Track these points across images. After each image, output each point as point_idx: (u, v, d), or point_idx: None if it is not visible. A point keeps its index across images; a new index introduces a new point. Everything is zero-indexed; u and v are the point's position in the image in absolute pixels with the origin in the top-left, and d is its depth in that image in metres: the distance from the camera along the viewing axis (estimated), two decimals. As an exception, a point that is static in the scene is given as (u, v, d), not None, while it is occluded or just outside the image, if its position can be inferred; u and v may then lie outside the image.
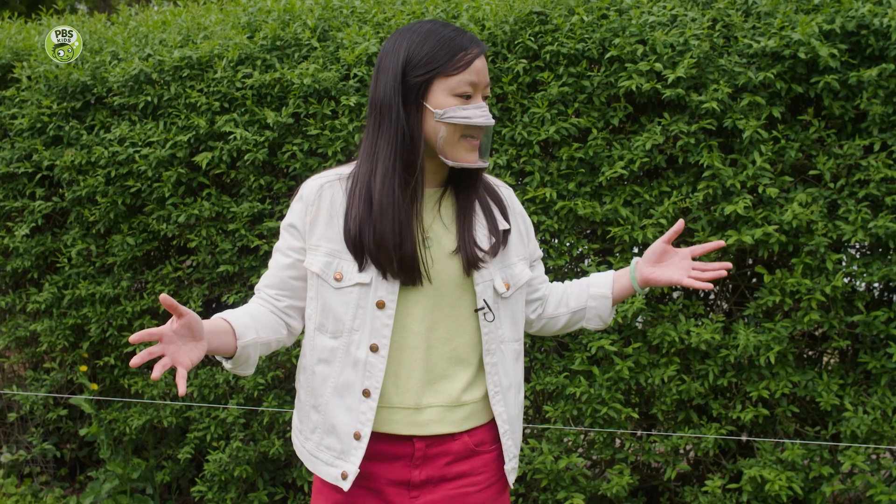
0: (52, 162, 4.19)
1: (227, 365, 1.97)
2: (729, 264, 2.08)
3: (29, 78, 4.32)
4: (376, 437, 2.01)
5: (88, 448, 4.77)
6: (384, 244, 1.92)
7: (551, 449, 3.62)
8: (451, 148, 1.93)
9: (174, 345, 1.75)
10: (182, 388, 1.68)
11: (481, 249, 2.00)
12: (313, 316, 2.03)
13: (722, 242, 2.11)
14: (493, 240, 2.03)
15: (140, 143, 3.99)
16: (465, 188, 2.05)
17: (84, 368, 4.34)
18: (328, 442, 2.04)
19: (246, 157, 3.80)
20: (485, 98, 1.96)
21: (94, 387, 4.35)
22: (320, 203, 2.01)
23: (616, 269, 2.28)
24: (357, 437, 1.98)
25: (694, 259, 2.15)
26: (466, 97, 1.91)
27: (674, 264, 2.14)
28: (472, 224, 2.02)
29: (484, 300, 2.01)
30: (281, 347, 2.09)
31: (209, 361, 4.36)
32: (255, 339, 1.97)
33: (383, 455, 2.02)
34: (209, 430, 4.04)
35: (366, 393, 1.97)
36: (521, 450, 3.62)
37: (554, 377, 3.60)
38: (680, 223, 2.09)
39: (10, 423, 4.80)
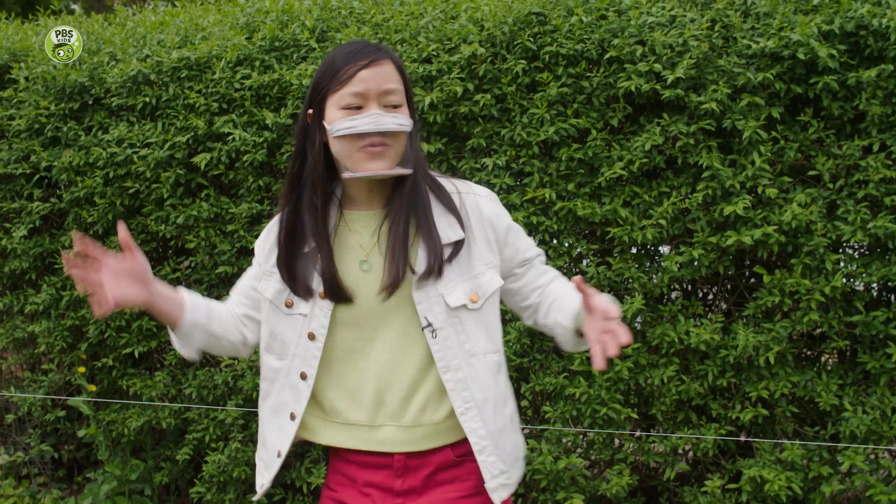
0: (50, 163, 4.18)
1: (173, 337, 2.05)
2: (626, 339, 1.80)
3: (26, 79, 4.32)
4: (355, 452, 2.05)
5: (86, 449, 4.76)
6: (291, 274, 1.99)
7: (550, 449, 3.62)
8: (350, 161, 1.91)
9: (108, 276, 1.82)
10: (98, 312, 1.76)
11: (399, 278, 1.94)
12: (263, 337, 2.10)
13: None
14: (433, 257, 1.96)
15: (138, 144, 3.99)
16: (405, 205, 1.97)
17: (82, 370, 4.33)
18: (261, 454, 2.14)
19: (245, 158, 3.79)
20: (393, 106, 1.92)
21: (93, 388, 4.34)
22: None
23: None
24: (279, 454, 2.07)
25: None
26: (356, 108, 1.89)
27: (594, 322, 1.84)
28: (405, 243, 1.95)
29: (426, 317, 1.96)
30: (235, 354, 2.15)
31: (208, 362, 4.36)
32: (204, 325, 2.02)
33: (366, 463, 2.05)
34: (208, 432, 4.03)
35: (292, 416, 2.05)
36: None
37: (553, 377, 3.60)
38: (576, 280, 1.85)
39: (7, 424, 4.79)
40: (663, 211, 3.43)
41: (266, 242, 2.10)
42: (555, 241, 3.66)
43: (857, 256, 3.54)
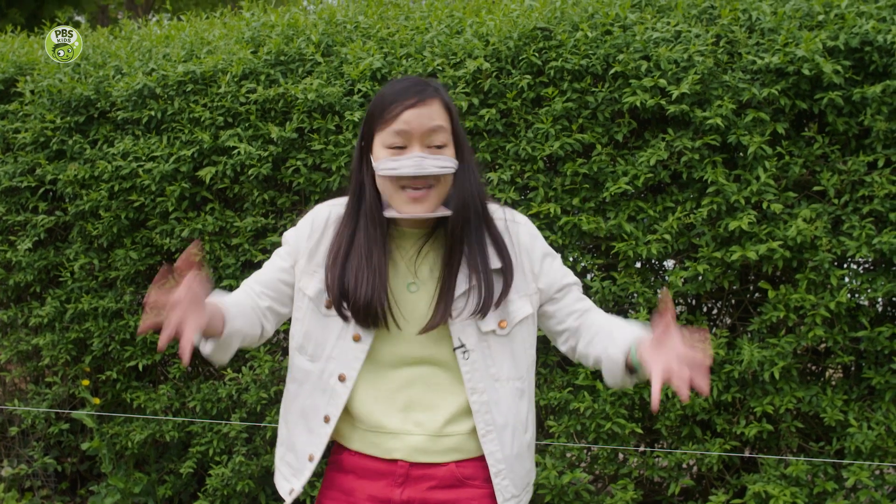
0: (56, 176, 4.18)
1: (206, 348, 1.95)
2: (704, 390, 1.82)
3: (32, 92, 4.33)
4: (360, 454, 2.07)
5: (90, 462, 4.76)
6: (341, 290, 1.99)
7: (555, 464, 3.61)
8: (391, 199, 1.96)
9: (182, 311, 1.74)
10: (186, 358, 1.70)
11: (450, 311, 1.99)
12: (296, 336, 2.10)
13: (709, 360, 1.82)
14: (475, 283, 2.00)
15: (143, 158, 3.99)
16: (455, 239, 2.02)
17: (86, 383, 4.33)
18: (288, 458, 2.13)
19: (249, 172, 3.80)
20: (437, 146, 1.94)
21: (96, 401, 4.34)
22: (326, 230, 2.08)
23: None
24: (310, 458, 2.06)
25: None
26: (400, 148, 1.93)
27: (663, 356, 1.83)
28: (453, 275, 2.00)
29: (459, 338, 2.01)
30: (249, 345, 2.10)
31: (211, 376, 4.36)
32: (240, 329, 1.99)
33: (366, 471, 2.06)
34: (211, 445, 4.03)
35: (326, 419, 2.04)
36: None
37: (557, 392, 3.60)
38: (665, 297, 1.87)
39: (11, 437, 4.78)
40: (668, 226, 3.43)
41: (309, 241, 2.07)
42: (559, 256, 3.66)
43: (861, 272, 3.54)
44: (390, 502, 2.04)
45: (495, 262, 2.03)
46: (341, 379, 2.02)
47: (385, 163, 1.93)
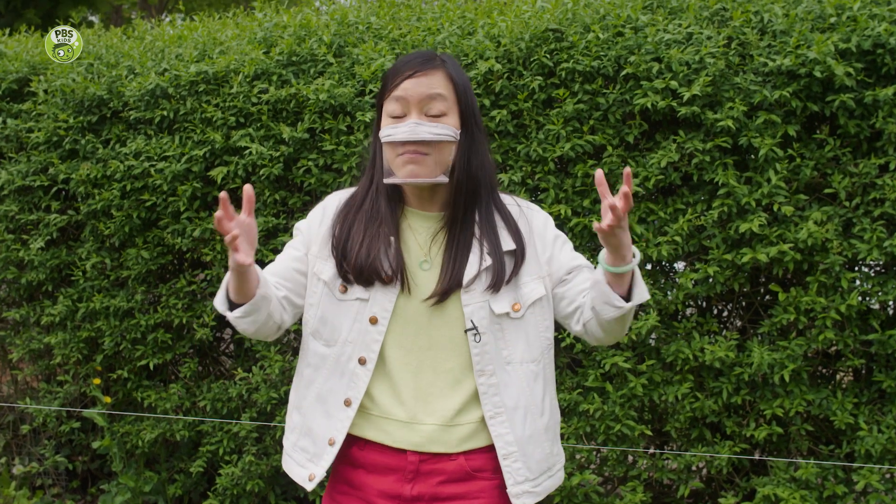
0: (68, 175, 4.20)
1: (236, 314, 2.00)
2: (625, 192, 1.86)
3: (45, 91, 4.35)
4: (370, 445, 2.07)
5: (100, 461, 4.78)
6: (346, 249, 2.04)
7: (564, 465, 3.60)
8: (392, 165, 2.01)
9: (241, 230, 1.88)
10: (246, 259, 1.85)
11: (458, 283, 2.02)
12: (310, 322, 2.11)
13: (628, 169, 1.86)
14: (490, 262, 2.04)
15: (156, 158, 4.01)
16: (461, 213, 2.07)
17: (97, 381, 4.35)
18: (303, 443, 2.12)
19: (261, 172, 3.81)
20: (435, 115, 1.99)
21: (107, 400, 4.36)
22: (338, 216, 2.12)
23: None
24: (331, 442, 2.06)
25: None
26: (401, 116, 1.99)
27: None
28: (464, 252, 2.04)
29: (472, 321, 2.02)
30: (270, 336, 2.12)
31: (221, 375, 4.37)
32: (269, 297, 2.02)
33: (376, 465, 2.07)
34: (222, 444, 4.04)
35: (347, 402, 2.05)
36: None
37: (567, 393, 3.60)
38: (598, 174, 1.89)
39: (22, 435, 4.81)
40: (679, 228, 3.43)
41: (321, 227, 2.12)
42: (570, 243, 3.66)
43: (872, 275, 3.53)
44: (401, 498, 2.04)
45: (508, 244, 2.07)
46: (361, 362, 2.03)
47: (384, 130, 2.00)
